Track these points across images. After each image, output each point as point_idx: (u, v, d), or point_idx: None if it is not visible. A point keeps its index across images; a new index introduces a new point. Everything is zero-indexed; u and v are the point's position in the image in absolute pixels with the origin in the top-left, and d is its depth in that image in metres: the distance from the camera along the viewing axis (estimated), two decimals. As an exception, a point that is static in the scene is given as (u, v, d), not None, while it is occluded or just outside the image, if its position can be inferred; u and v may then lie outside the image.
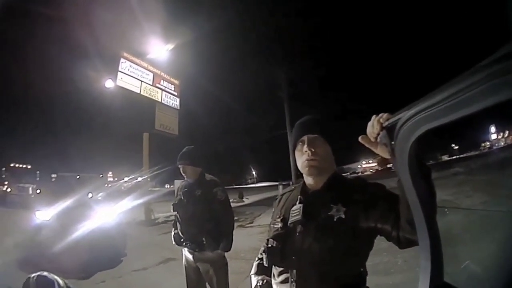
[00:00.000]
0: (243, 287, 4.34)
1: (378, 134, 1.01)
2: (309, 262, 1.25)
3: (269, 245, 1.37)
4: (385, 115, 0.98)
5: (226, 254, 2.95)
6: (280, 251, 1.33)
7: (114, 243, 7.05)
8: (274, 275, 1.41)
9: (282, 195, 1.61)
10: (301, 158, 1.38)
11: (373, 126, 1.03)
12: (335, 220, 1.24)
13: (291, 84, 19.62)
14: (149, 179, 14.77)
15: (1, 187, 22.32)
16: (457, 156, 49.56)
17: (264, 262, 1.38)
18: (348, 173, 58.68)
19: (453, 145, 62.03)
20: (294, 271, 1.29)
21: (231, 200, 3.08)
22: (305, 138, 1.38)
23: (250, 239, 7.87)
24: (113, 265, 5.99)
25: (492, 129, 55.07)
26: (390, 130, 0.91)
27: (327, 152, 1.38)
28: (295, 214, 1.34)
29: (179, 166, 3.02)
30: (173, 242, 3.06)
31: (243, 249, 6.45)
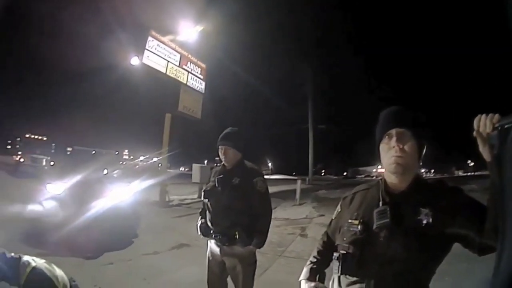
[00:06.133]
0: (259, 283, 4.06)
1: (488, 135, 0.97)
2: (391, 271, 1.16)
3: (344, 252, 1.25)
4: (497, 115, 0.94)
5: None
6: (359, 259, 1.22)
7: (126, 223, 6.83)
8: (340, 285, 1.31)
9: (355, 193, 1.47)
10: (388, 153, 1.26)
11: (485, 125, 0.97)
12: (423, 225, 1.16)
13: (316, 80, 19.37)
14: (166, 161, 14.71)
15: (14, 157, 22.32)
16: (472, 173, 48.83)
17: (337, 271, 1.26)
18: (363, 176, 58.08)
19: (469, 161, 61.74)
20: (372, 281, 1.19)
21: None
22: (393, 131, 1.26)
23: (271, 234, 7.56)
24: (122, 246, 5.70)
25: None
26: (500, 132, 0.91)
27: (415, 149, 1.24)
28: (381, 217, 1.21)
29: (220, 147, 2.71)
30: (199, 233, 2.78)
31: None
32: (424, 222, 1.15)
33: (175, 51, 13.51)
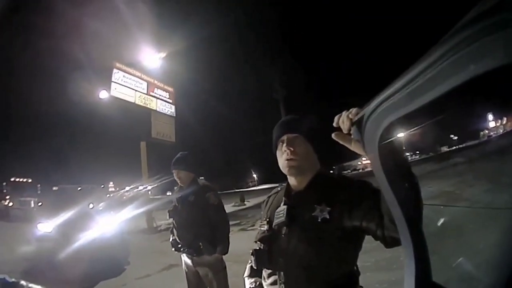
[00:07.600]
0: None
1: (350, 130, 0.95)
2: (296, 263, 1.25)
3: (256, 248, 1.39)
4: (354, 110, 0.92)
5: (228, 257, 2.95)
6: (267, 254, 1.35)
7: (116, 252, 7.07)
8: (264, 277, 1.45)
9: (269, 197, 1.60)
10: (281, 158, 1.36)
11: (343, 122, 0.96)
12: (319, 220, 1.22)
13: (284, 86, 19.69)
14: (149, 189, 14.73)
15: (3, 202, 21.99)
16: (457, 147, 49.30)
17: (253, 265, 1.39)
18: (349, 171, 57.98)
19: (452, 135, 61.92)
20: (282, 273, 1.31)
21: (232, 204, 3.07)
22: (284, 137, 1.36)
23: (252, 242, 7.74)
24: (116, 274, 5.96)
25: (490, 117, 54.89)
26: (360, 125, 0.86)
27: (308, 151, 1.35)
28: (279, 216, 1.34)
29: (173, 171, 3.02)
30: (172, 248, 3.05)
31: (244, 252, 6.35)
32: (320, 218, 1.22)
33: (141, 79, 13.69)
